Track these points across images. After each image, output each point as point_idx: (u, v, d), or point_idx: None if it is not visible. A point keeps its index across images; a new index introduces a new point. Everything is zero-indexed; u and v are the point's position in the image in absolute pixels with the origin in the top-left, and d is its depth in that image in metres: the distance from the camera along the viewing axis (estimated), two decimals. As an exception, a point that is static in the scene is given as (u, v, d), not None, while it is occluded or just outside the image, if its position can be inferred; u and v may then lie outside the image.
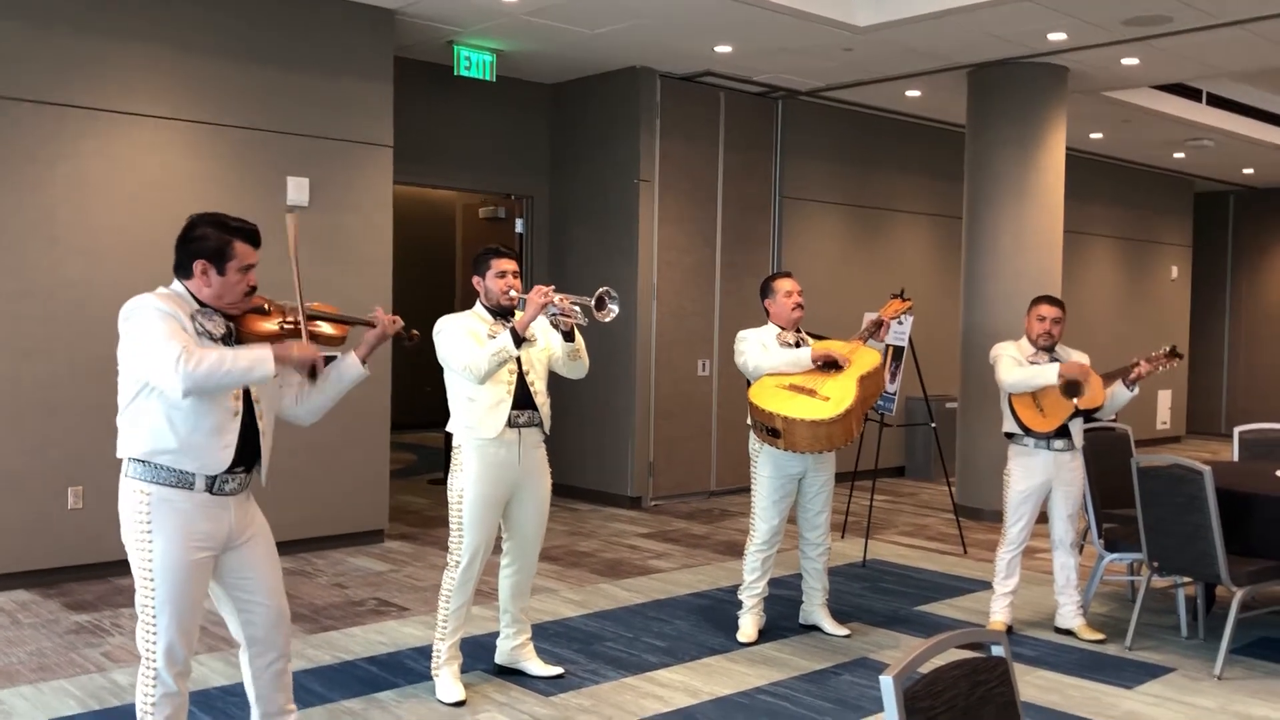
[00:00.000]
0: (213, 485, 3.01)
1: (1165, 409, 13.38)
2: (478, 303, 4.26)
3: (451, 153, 8.22)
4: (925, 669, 1.83)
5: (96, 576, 5.90)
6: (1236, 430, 6.26)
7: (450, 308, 7.87)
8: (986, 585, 5.94)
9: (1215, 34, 6.91)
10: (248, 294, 3.06)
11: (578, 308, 4.03)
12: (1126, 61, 7.67)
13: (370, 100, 6.81)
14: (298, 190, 6.50)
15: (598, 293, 3.98)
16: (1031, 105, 7.97)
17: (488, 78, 7.70)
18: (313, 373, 3.12)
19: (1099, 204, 12.25)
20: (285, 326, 3.11)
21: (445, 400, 4.21)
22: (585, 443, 8.60)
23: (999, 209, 8.06)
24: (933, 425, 7.48)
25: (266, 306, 3.15)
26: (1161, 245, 13.35)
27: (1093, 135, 10.66)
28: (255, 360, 2.90)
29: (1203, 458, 4.65)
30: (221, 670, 4.48)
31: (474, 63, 7.59)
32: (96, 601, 5.50)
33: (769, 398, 4.66)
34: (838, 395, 4.61)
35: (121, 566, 5.94)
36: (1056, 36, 7.12)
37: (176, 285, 3.05)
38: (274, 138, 6.44)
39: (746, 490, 5.04)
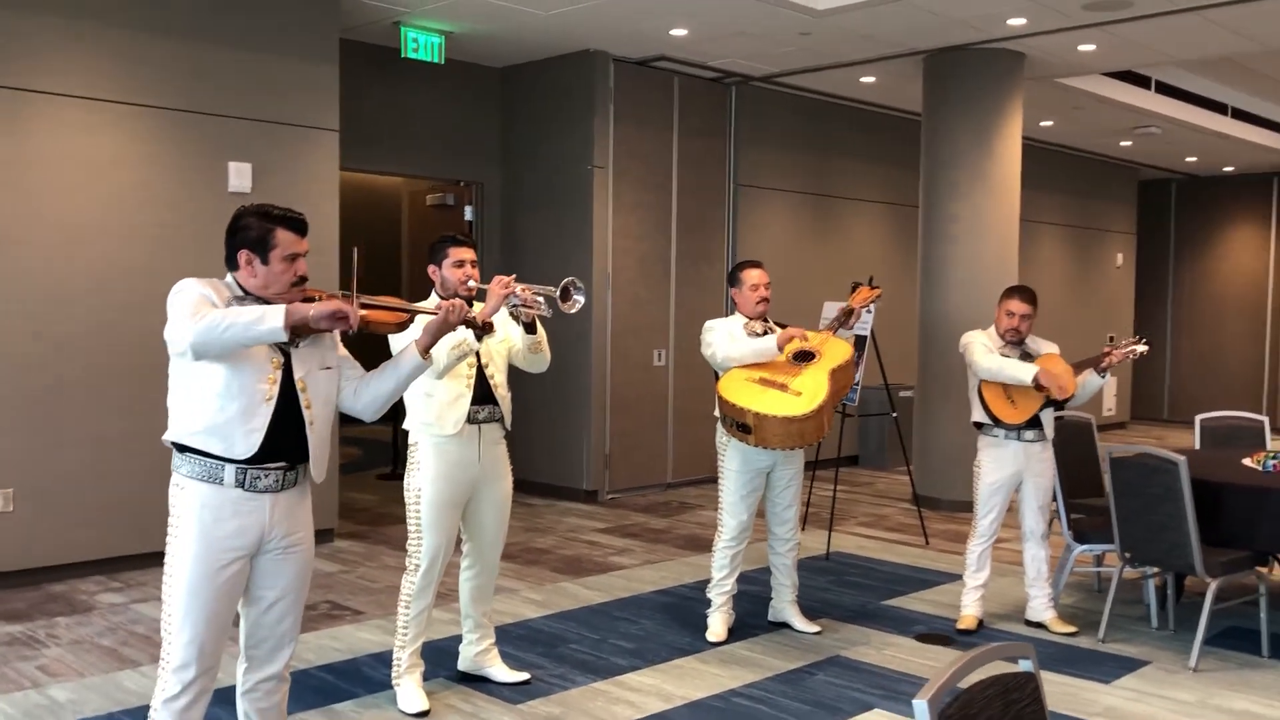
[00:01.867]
0: (244, 480, 2.84)
1: (1110, 396, 13.47)
2: (433, 293, 4.06)
3: (399, 138, 7.96)
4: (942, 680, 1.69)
5: (29, 583, 5.60)
6: (1198, 418, 6.24)
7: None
8: (952, 577, 5.86)
9: (1173, 20, 6.87)
10: (296, 284, 2.92)
11: (541, 298, 3.85)
12: (1083, 47, 7.62)
13: (315, 83, 6.53)
14: (239, 176, 6.21)
15: (563, 283, 3.80)
16: (988, 91, 7.89)
17: (436, 60, 7.45)
18: (345, 332, 2.91)
19: (1047, 192, 12.27)
20: None
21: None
22: (539, 435, 8.40)
23: (955, 196, 7.99)
24: (894, 415, 7.39)
25: (318, 298, 2.99)
26: (1107, 233, 13.44)
27: (1043, 123, 10.65)
28: (263, 313, 2.69)
29: (1151, 444, 4.58)
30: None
31: (422, 44, 7.33)
32: (30, 610, 5.21)
33: (739, 392, 4.51)
34: (810, 390, 4.47)
35: (55, 571, 5.69)
36: (1016, 21, 7.04)
37: (228, 277, 2.94)
38: (214, 121, 6.14)
39: (704, 481, 4.89)
